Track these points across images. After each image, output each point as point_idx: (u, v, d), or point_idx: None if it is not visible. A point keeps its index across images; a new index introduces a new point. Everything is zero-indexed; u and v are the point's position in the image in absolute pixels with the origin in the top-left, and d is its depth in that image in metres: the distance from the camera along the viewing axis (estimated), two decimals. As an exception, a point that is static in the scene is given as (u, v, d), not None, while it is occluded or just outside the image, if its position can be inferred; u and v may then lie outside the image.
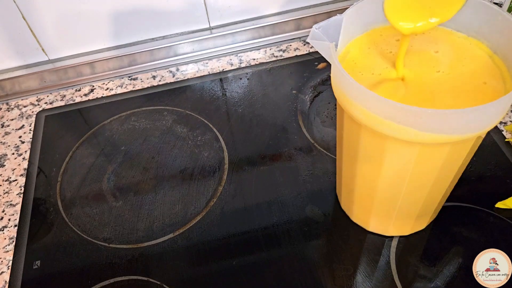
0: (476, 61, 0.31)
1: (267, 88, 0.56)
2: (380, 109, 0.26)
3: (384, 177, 0.33)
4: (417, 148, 0.28)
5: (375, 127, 0.28)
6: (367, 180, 0.35)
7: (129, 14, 0.58)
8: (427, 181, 0.32)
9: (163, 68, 0.61)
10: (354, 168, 0.35)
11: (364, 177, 0.35)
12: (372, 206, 0.37)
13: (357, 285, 0.37)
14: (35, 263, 0.42)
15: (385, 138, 0.28)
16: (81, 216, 0.46)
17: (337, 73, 0.28)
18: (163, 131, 0.53)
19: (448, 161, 0.30)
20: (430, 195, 0.34)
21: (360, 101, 0.27)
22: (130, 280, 0.40)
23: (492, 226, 0.40)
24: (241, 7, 0.61)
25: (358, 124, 0.30)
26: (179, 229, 0.43)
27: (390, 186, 0.34)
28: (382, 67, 0.32)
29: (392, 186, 0.34)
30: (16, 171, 0.51)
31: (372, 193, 0.35)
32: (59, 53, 0.60)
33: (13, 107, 0.59)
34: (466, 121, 0.26)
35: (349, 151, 0.34)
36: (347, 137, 0.33)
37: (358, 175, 0.35)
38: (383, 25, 0.35)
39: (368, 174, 0.34)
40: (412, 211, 0.36)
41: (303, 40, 0.62)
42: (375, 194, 0.35)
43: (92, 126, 0.55)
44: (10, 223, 0.46)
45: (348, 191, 0.39)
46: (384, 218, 0.38)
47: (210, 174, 0.48)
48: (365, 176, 0.34)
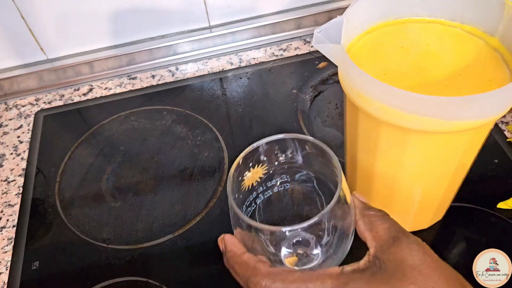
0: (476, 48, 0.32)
1: (267, 88, 0.56)
2: (405, 104, 0.26)
3: (406, 171, 0.32)
4: (441, 138, 0.28)
5: (398, 122, 0.28)
6: (387, 176, 0.34)
7: (128, 13, 0.58)
8: (449, 170, 0.32)
9: (162, 67, 0.61)
10: (372, 167, 0.34)
11: (383, 174, 0.34)
12: (392, 203, 0.36)
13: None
14: (33, 263, 0.42)
15: (408, 131, 0.28)
16: (80, 217, 0.45)
17: (352, 73, 0.28)
18: (163, 131, 0.53)
19: (469, 147, 0.31)
20: (450, 184, 0.34)
21: (382, 98, 0.27)
22: (129, 281, 0.40)
23: (494, 227, 0.40)
24: (241, 6, 0.60)
25: (376, 121, 0.29)
26: (178, 229, 0.43)
27: (412, 180, 0.33)
28: (386, 63, 0.32)
29: (414, 180, 0.33)
30: (14, 171, 0.51)
31: (393, 189, 0.34)
32: (57, 52, 0.60)
33: (11, 106, 0.59)
34: (491, 104, 0.26)
35: (366, 149, 0.34)
36: (364, 135, 0.33)
37: (377, 173, 0.34)
38: (383, 21, 0.35)
39: (389, 170, 0.33)
40: (432, 203, 0.36)
41: (304, 39, 0.62)
42: (396, 189, 0.34)
43: (91, 126, 0.55)
44: (9, 223, 0.46)
45: (364, 189, 0.38)
46: (403, 213, 0.37)
47: (210, 174, 0.47)
48: (385, 173, 0.34)
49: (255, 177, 0.31)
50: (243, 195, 0.31)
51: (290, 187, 0.33)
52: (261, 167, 0.31)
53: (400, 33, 0.34)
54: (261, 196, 0.32)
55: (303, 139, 0.29)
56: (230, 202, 0.27)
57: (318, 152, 0.29)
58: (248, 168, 0.30)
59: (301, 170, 0.32)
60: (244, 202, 0.31)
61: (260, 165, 0.31)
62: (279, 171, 0.32)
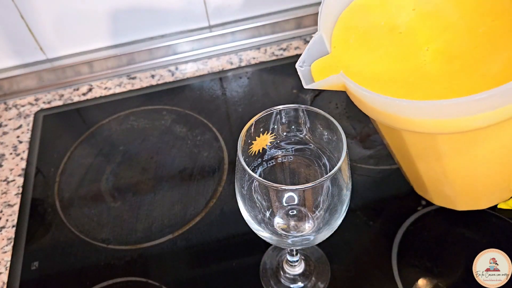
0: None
1: (267, 88, 0.56)
2: (465, 108, 0.24)
3: (483, 163, 0.31)
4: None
5: (460, 128, 0.25)
6: (463, 175, 0.32)
7: (128, 12, 0.58)
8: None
9: (162, 67, 0.61)
10: (443, 171, 0.32)
11: (458, 174, 0.33)
12: (475, 186, 0.34)
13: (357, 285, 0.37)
14: (33, 264, 0.42)
15: (475, 132, 0.26)
16: (79, 217, 0.45)
17: (377, 102, 0.26)
18: (162, 131, 0.53)
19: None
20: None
21: (431, 113, 0.24)
22: (128, 281, 0.40)
23: (494, 227, 0.40)
24: (241, 5, 0.60)
25: (430, 136, 0.27)
26: (178, 230, 0.43)
27: (493, 166, 0.32)
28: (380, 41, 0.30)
29: (495, 164, 0.31)
30: (14, 171, 0.51)
31: (472, 178, 0.33)
32: (57, 52, 0.60)
33: (11, 106, 0.59)
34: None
35: (426, 160, 0.32)
36: (417, 148, 0.31)
37: (449, 176, 0.33)
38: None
39: (463, 171, 0.32)
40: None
41: (304, 39, 0.62)
42: (476, 177, 0.33)
43: (91, 126, 0.55)
44: (8, 223, 0.46)
45: (435, 186, 0.37)
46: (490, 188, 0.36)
47: (210, 174, 0.47)
48: (459, 173, 0.32)
49: (262, 143, 0.32)
50: (249, 160, 0.31)
51: (293, 159, 0.33)
52: (270, 134, 0.32)
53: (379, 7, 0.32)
54: (265, 164, 0.33)
55: (313, 111, 0.30)
56: (238, 156, 0.28)
57: (327, 126, 0.30)
58: (258, 133, 0.31)
59: (307, 144, 0.33)
60: (249, 166, 0.32)
61: (269, 133, 0.31)
62: (285, 142, 0.33)
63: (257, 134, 0.31)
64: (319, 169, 0.33)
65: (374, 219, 0.41)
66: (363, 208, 0.42)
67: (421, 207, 0.41)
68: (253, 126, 0.30)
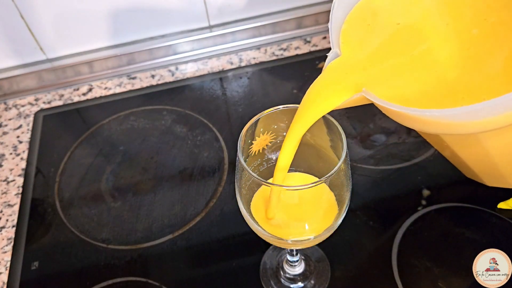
0: None
1: (267, 88, 0.56)
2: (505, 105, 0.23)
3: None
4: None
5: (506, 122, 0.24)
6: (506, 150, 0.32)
7: (128, 12, 0.58)
8: None
9: (162, 67, 0.61)
10: (485, 153, 0.32)
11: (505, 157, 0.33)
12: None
13: (357, 285, 0.37)
14: (33, 264, 0.42)
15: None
16: (79, 217, 0.45)
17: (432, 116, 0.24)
18: (162, 131, 0.53)
19: None
20: None
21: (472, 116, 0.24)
22: (128, 281, 0.40)
23: (494, 227, 0.40)
24: (241, 5, 0.60)
25: (474, 136, 0.28)
26: (178, 230, 0.43)
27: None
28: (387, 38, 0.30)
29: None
30: (14, 171, 0.51)
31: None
32: (57, 52, 0.60)
33: (11, 106, 0.59)
34: None
35: (472, 153, 0.33)
36: (462, 146, 0.32)
37: (497, 160, 0.33)
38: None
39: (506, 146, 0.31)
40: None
41: (304, 38, 0.62)
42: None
43: (91, 126, 0.54)
44: (8, 223, 0.46)
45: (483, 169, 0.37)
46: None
47: (210, 174, 0.47)
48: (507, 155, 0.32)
49: (262, 143, 0.32)
50: (249, 160, 0.32)
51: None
52: (270, 134, 0.32)
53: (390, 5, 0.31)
54: (265, 164, 0.33)
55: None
56: (238, 156, 0.28)
57: (327, 126, 0.30)
58: (258, 133, 0.31)
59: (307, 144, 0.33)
60: (249, 166, 0.32)
61: (269, 133, 0.32)
62: None
63: (257, 134, 0.31)
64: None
65: (374, 219, 0.41)
66: (363, 208, 0.42)
67: (421, 207, 0.41)
68: (253, 126, 0.30)
